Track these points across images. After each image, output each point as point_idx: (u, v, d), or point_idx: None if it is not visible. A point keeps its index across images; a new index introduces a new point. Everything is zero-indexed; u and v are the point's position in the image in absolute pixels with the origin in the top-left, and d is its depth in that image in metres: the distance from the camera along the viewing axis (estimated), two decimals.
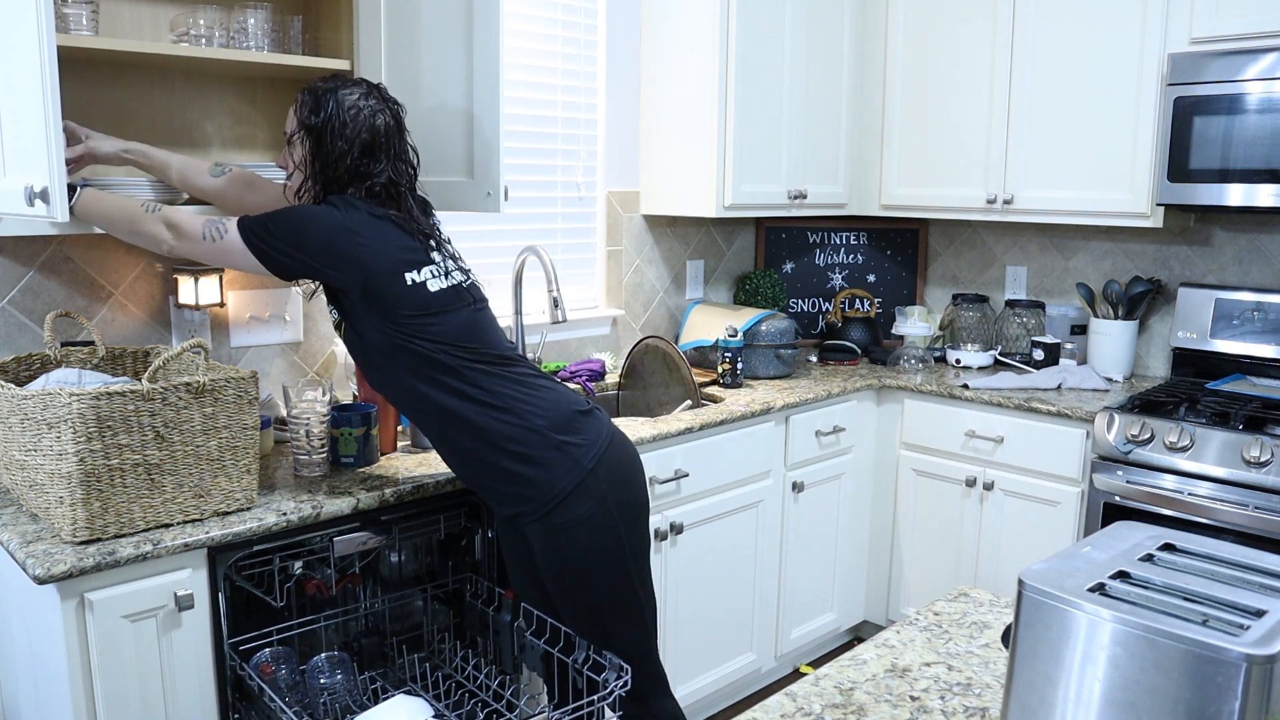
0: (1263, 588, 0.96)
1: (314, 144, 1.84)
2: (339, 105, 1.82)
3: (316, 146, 1.83)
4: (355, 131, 1.82)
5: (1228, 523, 2.47)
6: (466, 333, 1.84)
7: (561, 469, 1.82)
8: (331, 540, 1.89)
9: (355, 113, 1.83)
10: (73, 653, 1.60)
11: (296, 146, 1.87)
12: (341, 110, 1.82)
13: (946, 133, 3.27)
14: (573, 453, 1.84)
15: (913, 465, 3.16)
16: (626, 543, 1.89)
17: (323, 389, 2.08)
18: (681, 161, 3.14)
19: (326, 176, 1.84)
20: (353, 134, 1.82)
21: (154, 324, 2.26)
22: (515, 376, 1.86)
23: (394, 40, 2.16)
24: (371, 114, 1.84)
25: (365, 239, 1.78)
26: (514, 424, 1.81)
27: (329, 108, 1.82)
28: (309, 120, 1.83)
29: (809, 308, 3.74)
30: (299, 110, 1.85)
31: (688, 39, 3.07)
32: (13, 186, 1.67)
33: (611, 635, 1.90)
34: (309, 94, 1.85)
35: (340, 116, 1.82)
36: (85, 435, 1.62)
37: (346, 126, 1.82)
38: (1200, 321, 3.03)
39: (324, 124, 1.82)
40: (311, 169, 1.85)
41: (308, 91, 1.85)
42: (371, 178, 1.85)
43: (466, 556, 2.21)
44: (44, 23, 1.53)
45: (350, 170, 1.84)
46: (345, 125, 1.82)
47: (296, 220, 1.78)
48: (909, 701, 1.22)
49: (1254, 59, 2.59)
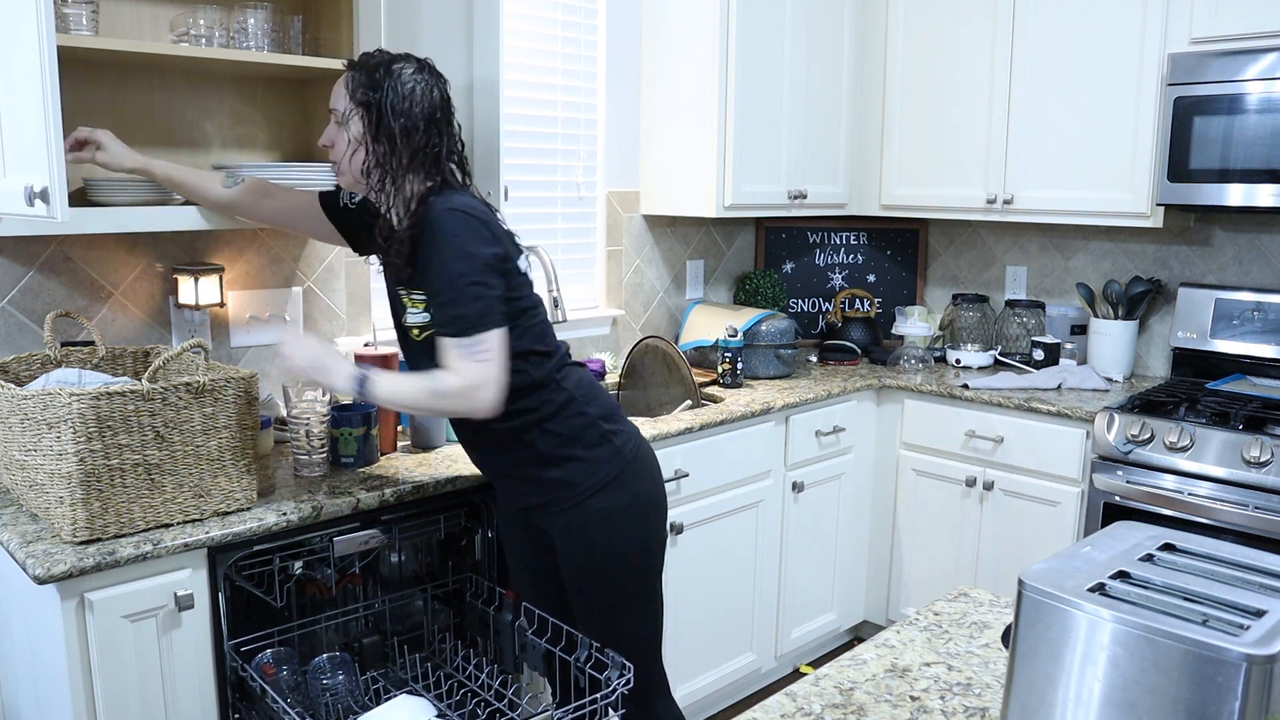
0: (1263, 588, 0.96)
1: (375, 120, 1.75)
2: (397, 80, 1.75)
3: (378, 123, 1.75)
4: (417, 106, 1.75)
5: (1228, 523, 2.47)
6: (545, 323, 1.88)
7: (605, 458, 1.85)
8: (331, 540, 1.89)
9: (413, 87, 1.76)
10: (73, 653, 1.60)
11: (353, 124, 1.77)
12: (400, 85, 1.75)
13: (946, 133, 3.27)
14: (615, 441, 1.88)
15: (913, 465, 3.16)
16: (653, 537, 1.93)
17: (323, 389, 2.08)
18: (681, 161, 3.14)
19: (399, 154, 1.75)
20: (415, 109, 1.75)
21: (154, 324, 2.26)
22: (568, 364, 1.90)
23: (394, 40, 2.15)
24: (428, 88, 1.78)
25: (495, 230, 1.75)
26: (571, 413, 1.84)
27: (386, 83, 1.75)
28: (366, 97, 1.75)
29: (809, 308, 3.74)
30: (351, 87, 1.77)
31: (688, 39, 3.07)
32: (13, 186, 1.66)
33: (624, 632, 1.91)
34: (362, 71, 1.77)
35: (400, 90, 1.74)
36: (85, 435, 1.62)
37: (406, 101, 1.75)
38: (1200, 321, 3.03)
39: (383, 99, 1.74)
40: (376, 147, 1.76)
41: (360, 69, 1.78)
42: (445, 153, 1.80)
43: (466, 556, 2.21)
44: (44, 23, 1.53)
45: (422, 147, 1.76)
46: (404, 100, 1.74)
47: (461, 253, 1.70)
48: (909, 701, 1.22)
49: (1254, 59, 2.59)
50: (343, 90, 1.78)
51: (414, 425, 2.30)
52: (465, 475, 2.08)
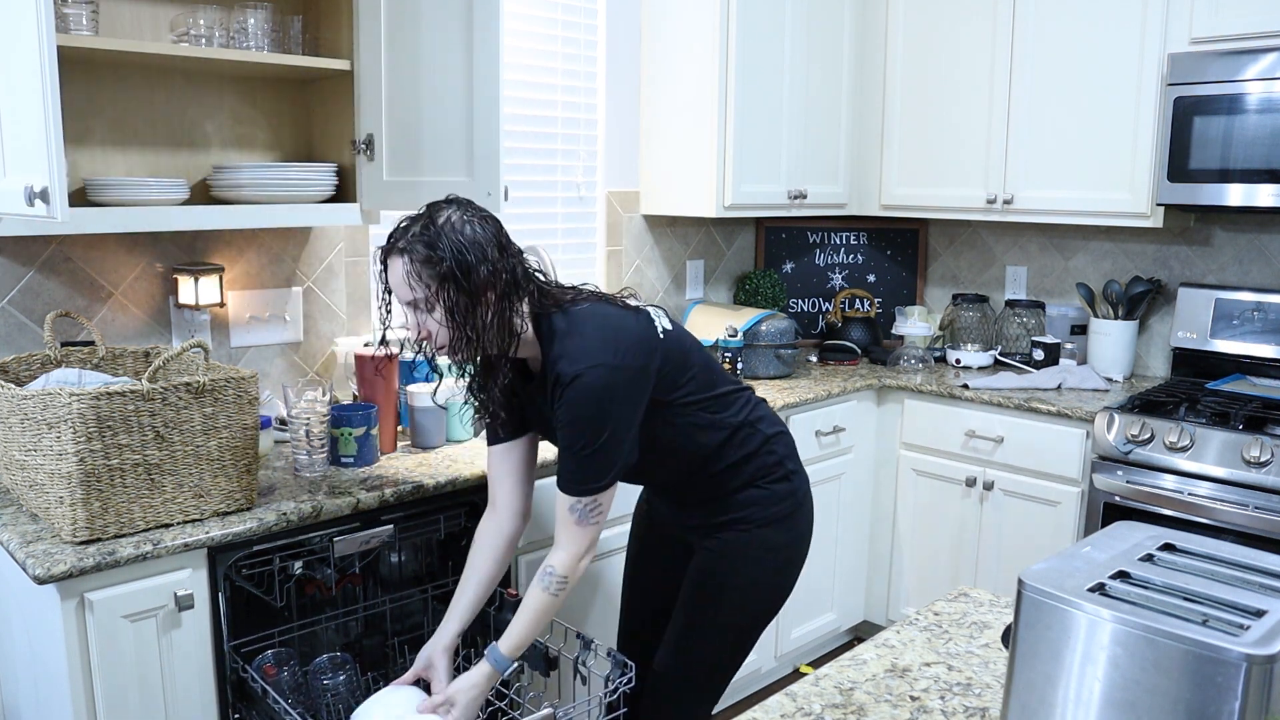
0: (1263, 588, 0.96)
1: (461, 286, 1.57)
2: (450, 231, 1.58)
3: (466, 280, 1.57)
4: (485, 243, 1.60)
5: (1228, 523, 2.47)
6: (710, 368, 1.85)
7: (784, 495, 1.87)
8: (331, 540, 1.89)
9: (464, 228, 1.60)
10: (73, 653, 1.60)
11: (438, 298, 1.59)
12: (455, 235, 1.58)
13: (946, 133, 3.27)
14: (794, 481, 1.90)
15: (913, 465, 3.16)
16: (791, 583, 1.95)
17: (323, 389, 2.08)
18: (681, 161, 3.14)
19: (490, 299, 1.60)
20: (484, 247, 1.59)
21: (154, 324, 2.26)
22: (754, 400, 1.91)
23: (394, 40, 2.16)
24: (480, 221, 1.62)
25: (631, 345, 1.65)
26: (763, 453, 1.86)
27: (442, 241, 1.57)
28: (440, 269, 1.57)
29: (809, 308, 3.74)
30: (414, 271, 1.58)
31: (688, 39, 3.07)
32: (13, 186, 1.66)
33: (712, 661, 1.93)
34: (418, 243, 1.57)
35: (460, 241, 1.58)
36: (85, 435, 1.62)
37: (474, 246, 1.58)
38: (1200, 321, 3.03)
39: (453, 259, 1.57)
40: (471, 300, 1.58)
41: (404, 253, 1.58)
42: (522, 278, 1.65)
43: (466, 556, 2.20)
44: (44, 23, 1.53)
45: (511, 282, 1.62)
46: (472, 246, 1.58)
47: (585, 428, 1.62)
48: (909, 701, 1.22)
49: (1254, 59, 2.59)
50: (403, 278, 1.60)
51: (414, 425, 2.30)
52: (465, 475, 2.08)
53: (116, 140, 2.10)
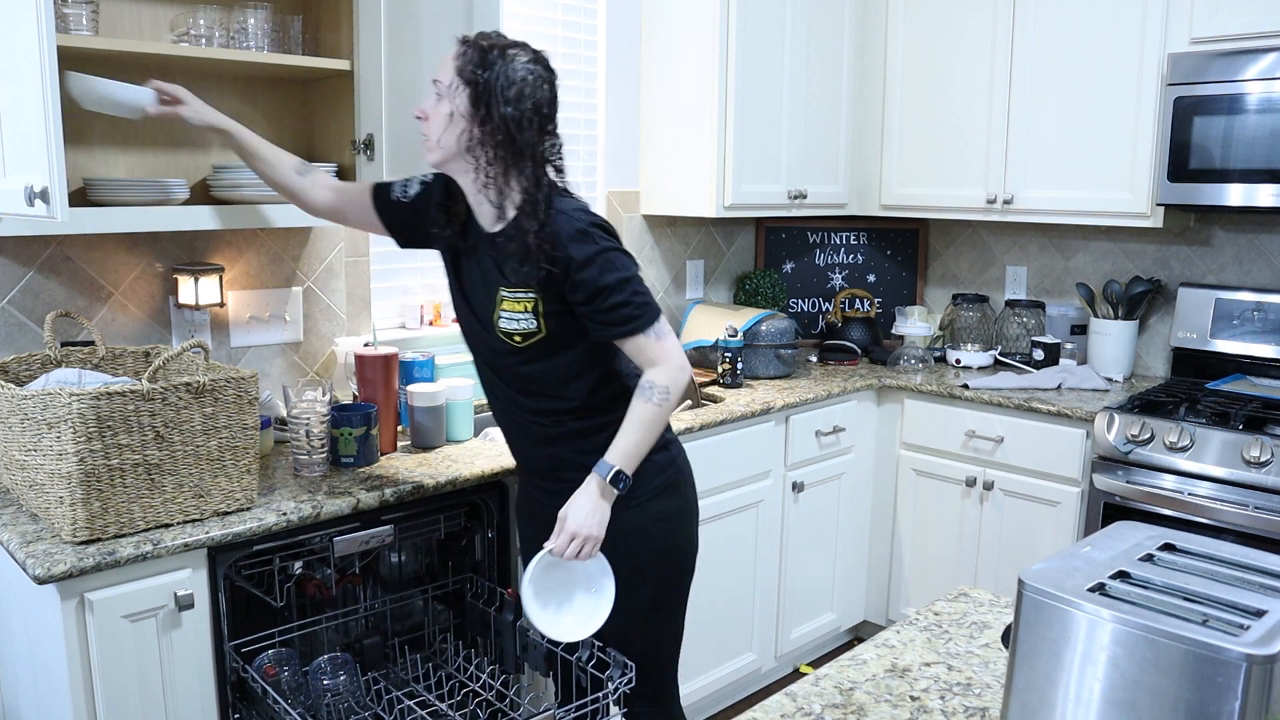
0: (1263, 588, 0.96)
1: (484, 101, 1.67)
2: (510, 65, 1.68)
3: (487, 104, 1.67)
4: (528, 99, 1.68)
5: (1228, 523, 2.47)
6: None
7: (665, 464, 1.90)
8: (331, 540, 1.89)
9: (525, 76, 1.68)
10: (73, 653, 1.60)
11: (458, 98, 1.69)
12: (512, 71, 1.67)
13: (946, 133, 3.27)
14: (672, 450, 1.94)
15: (913, 465, 3.16)
16: (694, 544, 1.98)
17: (323, 389, 2.08)
18: (681, 161, 3.14)
19: (505, 141, 1.69)
20: (525, 101, 1.68)
21: (154, 324, 2.26)
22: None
23: (394, 40, 2.15)
24: (540, 80, 1.70)
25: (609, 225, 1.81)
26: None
27: (498, 65, 1.67)
28: (475, 75, 1.67)
29: (809, 308, 3.74)
30: (460, 62, 1.69)
31: (687, 39, 3.07)
32: (13, 186, 1.67)
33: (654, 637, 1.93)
34: (474, 48, 1.69)
35: (511, 76, 1.67)
36: (85, 435, 1.62)
37: (516, 89, 1.67)
38: (1200, 321, 3.03)
39: (494, 81, 1.67)
40: (481, 128, 1.69)
41: (472, 46, 1.70)
42: (553, 152, 1.75)
43: (466, 556, 2.21)
44: (44, 23, 1.53)
45: (530, 142, 1.70)
46: (513, 87, 1.67)
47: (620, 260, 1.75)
48: (909, 701, 1.22)
49: (1254, 59, 2.59)
50: (451, 63, 1.71)
51: (414, 425, 2.30)
52: (465, 475, 2.08)
53: (116, 140, 2.10)
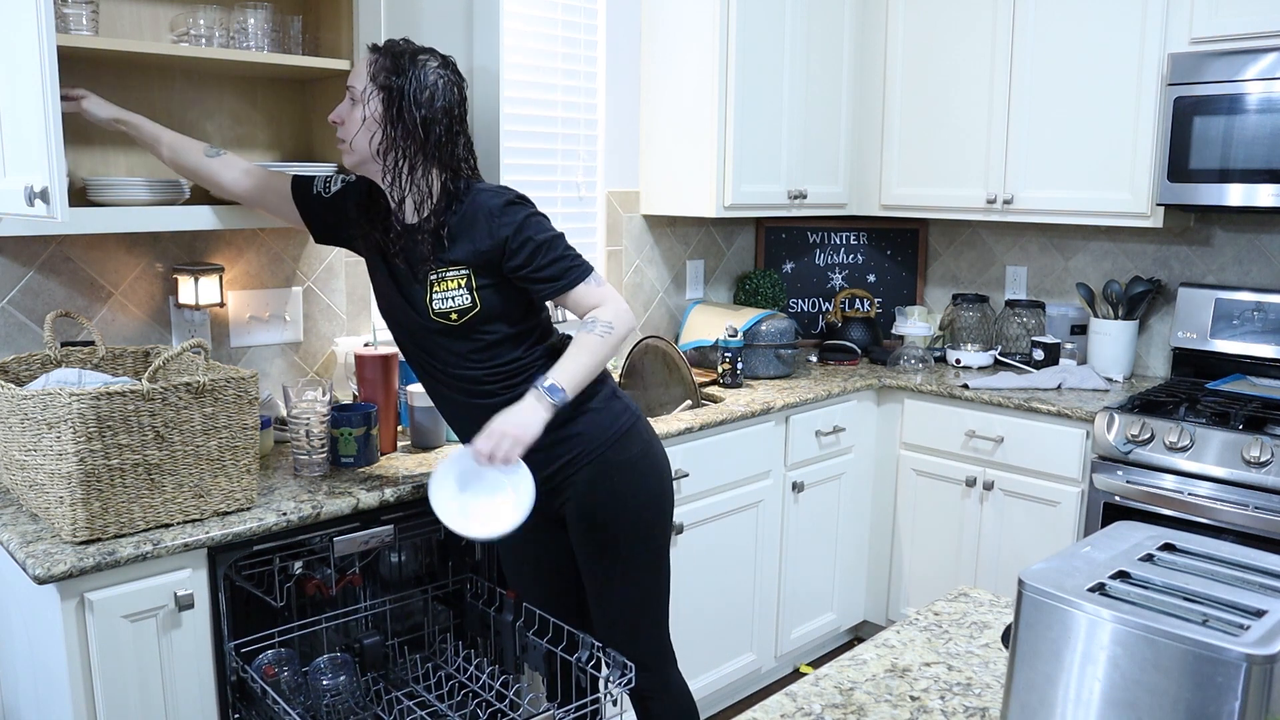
0: (1263, 588, 0.96)
1: (395, 105, 1.75)
2: (421, 70, 1.76)
3: (398, 108, 1.75)
4: (439, 101, 1.76)
5: (1228, 523, 2.47)
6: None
7: (618, 410, 1.91)
8: (331, 540, 1.89)
9: (435, 81, 1.76)
10: (73, 653, 1.60)
11: (371, 103, 1.76)
12: (423, 75, 1.75)
13: (946, 133, 3.27)
14: (623, 398, 1.96)
15: (913, 465, 3.16)
16: (666, 494, 1.96)
17: (323, 389, 2.08)
18: (681, 161, 3.14)
19: (417, 143, 1.76)
20: (436, 103, 1.76)
21: (154, 324, 2.26)
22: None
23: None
24: (449, 85, 1.79)
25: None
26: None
27: (410, 71, 1.75)
28: (388, 81, 1.75)
29: (809, 308, 3.74)
30: (373, 69, 1.77)
31: (688, 39, 3.07)
32: (13, 186, 1.66)
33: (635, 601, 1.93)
34: (386, 55, 1.77)
35: (422, 81, 1.75)
36: (85, 435, 1.62)
37: (428, 92, 1.75)
38: (1200, 321, 3.03)
39: (406, 86, 1.74)
40: (393, 130, 1.76)
41: (384, 53, 1.77)
42: (461, 151, 1.82)
43: (466, 557, 2.21)
44: (44, 23, 1.53)
45: (441, 142, 1.78)
46: (426, 90, 1.75)
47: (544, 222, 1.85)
48: (909, 701, 1.22)
49: (1254, 59, 2.59)
50: (364, 70, 1.78)
51: (414, 425, 2.30)
52: None
53: (116, 140, 2.10)
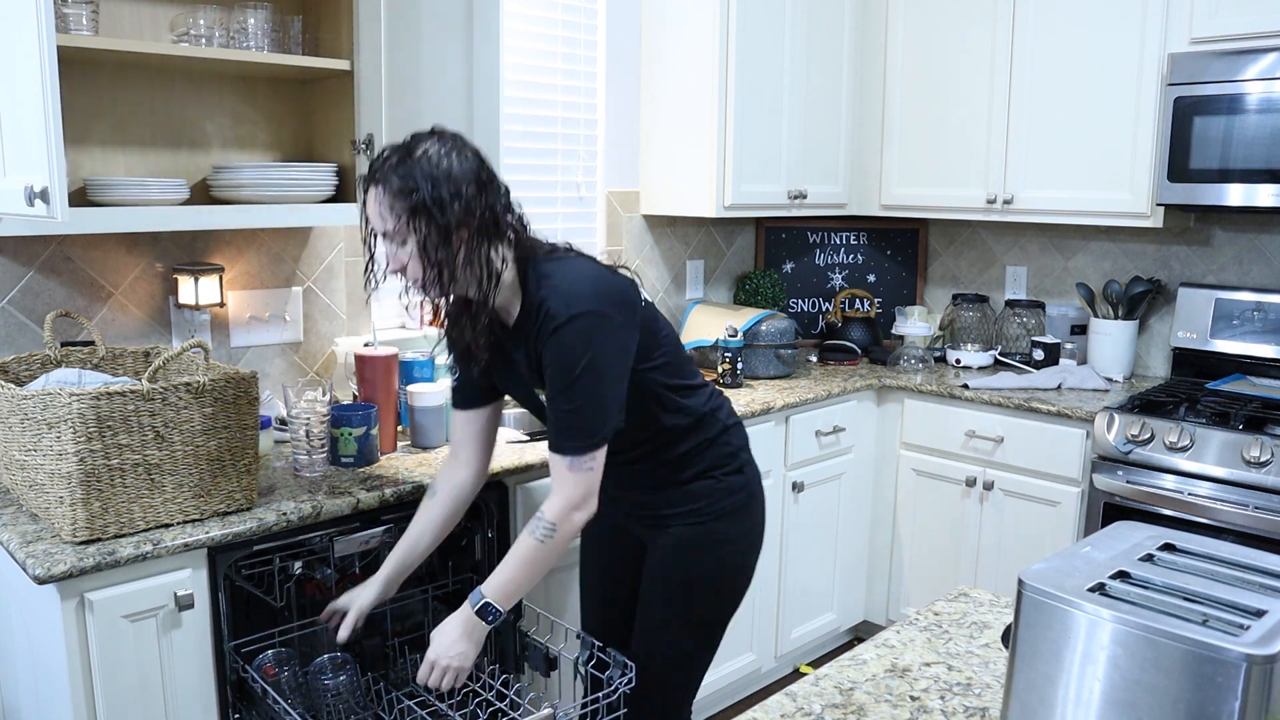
0: (1263, 588, 0.96)
1: (434, 220, 1.54)
2: (424, 166, 1.54)
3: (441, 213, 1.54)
4: (461, 179, 1.56)
5: (1228, 523, 2.47)
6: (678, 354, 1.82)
7: (738, 487, 1.86)
8: (331, 540, 1.89)
9: (440, 162, 1.55)
10: (73, 653, 1.60)
11: (411, 229, 1.55)
12: (431, 168, 1.54)
13: (947, 132, 3.27)
14: (747, 472, 1.90)
15: (913, 465, 3.16)
16: (749, 575, 1.93)
17: (323, 389, 2.08)
18: (681, 161, 3.14)
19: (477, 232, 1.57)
20: (460, 183, 1.55)
21: (154, 324, 2.26)
22: (715, 392, 1.91)
23: (394, 40, 2.15)
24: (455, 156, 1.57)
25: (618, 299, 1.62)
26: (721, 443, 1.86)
27: (417, 175, 1.54)
28: (410, 199, 1.54)
29: (809, 308, 3.74)
30: (389, 197, 1.55)
31: (688, 39, 3.07)
32: (13, 186, 1.66)
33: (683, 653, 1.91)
34: (388, 176, 1.55)
35: (434, 175, 1.54)
36: (85, 435, 1.62)
37: (448, 182, 1.54)
38: (1200, 321, 3.03)
39: (429, 193, 1.53)
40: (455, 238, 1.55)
41: (383, 178, 1.56)
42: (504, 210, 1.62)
43: (466, 557, 2.21)
44: (44, 23, 1.53)
45: (488, 215, 1.58)
46: (444, 182, 1.54)
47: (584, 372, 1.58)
48: (909, 701, 1.22)
49: (1254, 59, 2.59)
50: (378, 209, 1.58)
51: (414, 425, 2.30)
52: None
53: (116, 140, 2.10)
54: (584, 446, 1.63)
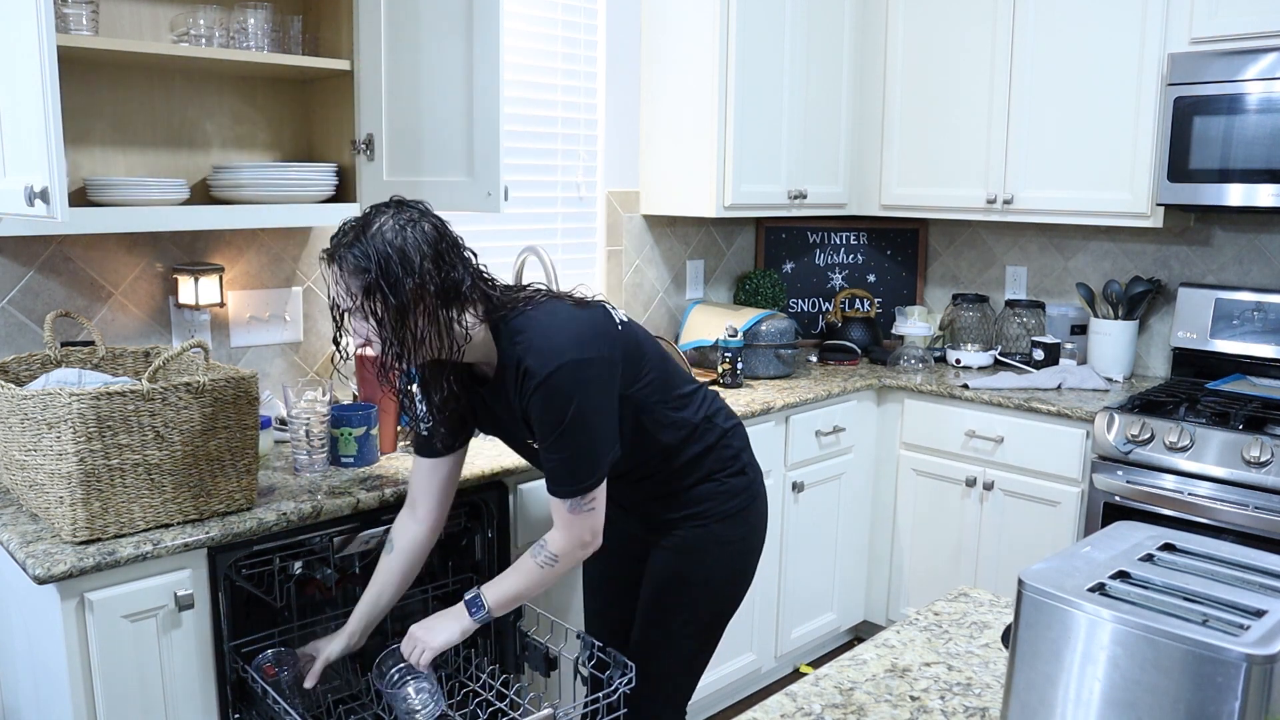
0: (1263, 588, 0.96)
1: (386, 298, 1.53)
2: (376, 242, 1.53)
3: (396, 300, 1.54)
4: (413, 252, 1.54)
5: (1228, 523, 2.47)
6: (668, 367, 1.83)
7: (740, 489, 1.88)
8: (331, 540, 1.89)
9: (393, 237, 1.54)
10: (73, 653, 1.60)
11: (368, 304, 1.55)
12: (381, 244, 1.53)
13: (947, 133, 3.27)
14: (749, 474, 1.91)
15: (913, 465, 3.16)
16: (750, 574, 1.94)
17: (323, 389, 2.08)
18: (681, 161, 3.14)
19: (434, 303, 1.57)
20: (411, 257, 1.54)
21: (154, 324, 2.26)
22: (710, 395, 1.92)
23: (394, 40, 2.16)
24: (409, 228, 1.56)
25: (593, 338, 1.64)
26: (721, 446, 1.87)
27: (371, 252, 1.53)
28: (365, 280, 1.53)
29: (809, 308, 3.74)
30: (343, 277, 1.55)
31: (688, 39, 3.07)
32: (13, 186, 1.66)
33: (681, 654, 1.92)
34: (342, 252, 1.55)
35: (386, 251, 1.53)
36: (85, 435, 1.62)
37: (399, 258, 1.53)
38: (1200, 321, 3.03)
39: (381, 272, 1.52)
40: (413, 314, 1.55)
41: (338, 254, 1.55)
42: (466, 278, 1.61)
43: (466, 557, 2.20)
44: (44, 23, 1.53)
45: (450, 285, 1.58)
46: (394, 258, 1.53)
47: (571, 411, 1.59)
48: (909, 701, 1.22)
49: (1254, 59, 2.59)
50: (335, 287, 1.59)
51: None
52: (465, 475, 2.08)
53: (116, 140, 2.10)
54: (582, 490, 1.67)
